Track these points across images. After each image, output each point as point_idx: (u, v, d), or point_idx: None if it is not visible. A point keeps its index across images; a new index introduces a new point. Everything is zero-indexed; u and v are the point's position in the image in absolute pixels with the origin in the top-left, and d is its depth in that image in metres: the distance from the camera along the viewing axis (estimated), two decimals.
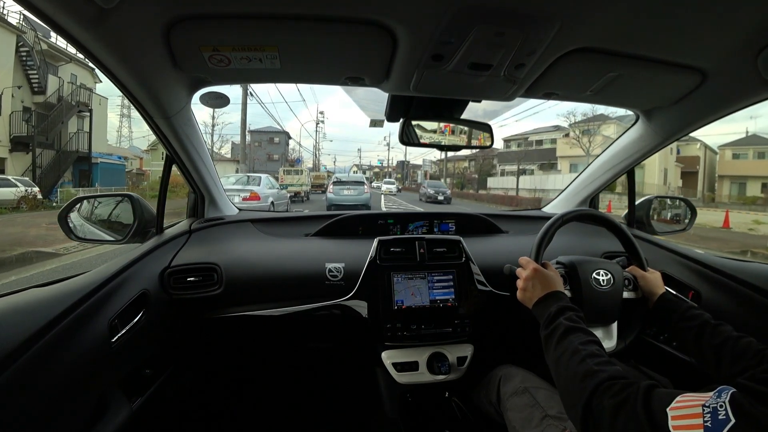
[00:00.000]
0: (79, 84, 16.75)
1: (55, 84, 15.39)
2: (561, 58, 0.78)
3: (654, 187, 21.35)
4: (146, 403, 0.96)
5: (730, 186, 26.04)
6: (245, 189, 8.84)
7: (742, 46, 0.73)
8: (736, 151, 26.57)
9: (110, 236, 1.24)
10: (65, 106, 15.50)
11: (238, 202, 7.95)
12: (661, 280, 0.95)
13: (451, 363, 1.14)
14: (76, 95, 16.26)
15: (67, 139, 15.65)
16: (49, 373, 0.68)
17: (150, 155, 28.64)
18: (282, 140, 39.46)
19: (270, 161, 36.87)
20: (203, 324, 1.17)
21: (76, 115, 16.37)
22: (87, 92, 16.88)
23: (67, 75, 16.58)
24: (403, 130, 1.03)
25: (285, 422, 1.50)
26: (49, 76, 15.17)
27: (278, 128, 32.26)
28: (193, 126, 1.07)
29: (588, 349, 0.64)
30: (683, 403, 0.49)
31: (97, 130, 17.83)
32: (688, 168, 27.32)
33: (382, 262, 1.14)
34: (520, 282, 0.86)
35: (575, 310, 0.75)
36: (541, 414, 0.88)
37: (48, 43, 15.34)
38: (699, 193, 26.31)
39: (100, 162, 17.53)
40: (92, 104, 17.20)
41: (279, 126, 27.75)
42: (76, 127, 16.34)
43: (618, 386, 0.55)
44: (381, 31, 0.69)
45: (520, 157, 28.82)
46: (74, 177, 16.57)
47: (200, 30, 0.68)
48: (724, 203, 21.91)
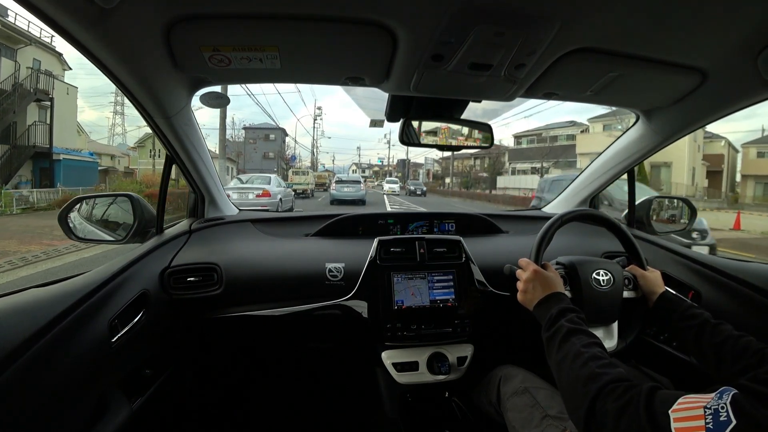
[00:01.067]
0: (43, 70, 14.58)
1: (10, 68, 13.26)
2: (561, 58, 0.78)
3: (683, 188, 20.24)
4: (146, 403, 0.96)
5: (754, 186, 24.75)
6: (258, 187, 9.74)
7: (742, 46, 0.73)
8: (761, 149, 25.14)
9: (110, 236, 1.24)
10: (20, 94, 13.27)
11: (252, 198, 9.18)
12: (660, 279, 0.95)
13: (451, 363, 1.14)
14: (37, 82, 14.00)
15: (23, 131, 13.41)
16: (49, 373, 0.68)
17: (137, 153, 27.31)
18: (278, 137, 38.90)
19: (265, 159, 36.35)
20: (203, 324, 1.17)
21: (36, 104, 14.22)
22: (49, 79, 14.58)
23: (28, 60, 14.50)
24: (404, 130, 1.03)
25: (285, 422, 1.50)
26: (2, 60, 13.10)
27: (274, 125, 32.11)
28: (193, 126, 1.07)
29: (590, 351, 0.64)
30: (685, 404, 0.49)
31: (64, 122, 15.61)
32: (713, 167, 25.83)
33: (382, 262, 1.14)
34: (521, 284, 0.85)
35: (576, 312, 0.75)
36: (541, 414, 0.88)
37: (4, 22, 13.14)
38: (723, 194, 25.05)
39: (63, 158, 15.22)
40: (54, 92, 14.86)
41: (274, 122, 27.64)
42: (36, 118, 14.19)
43: (621, 389, 0.55)
44: (381, 31, 0.69)
45: (544, 153, 25.97)
46: (34, 176, 14.43)
47: (200, 30, 0.68)
48: (748, 204, 20.69)
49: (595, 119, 23.44)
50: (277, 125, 31.90)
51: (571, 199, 1.59)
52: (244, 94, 25.67)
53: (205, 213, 1.35)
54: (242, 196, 9.26)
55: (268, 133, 38.08)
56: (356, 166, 62.97)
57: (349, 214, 1.39)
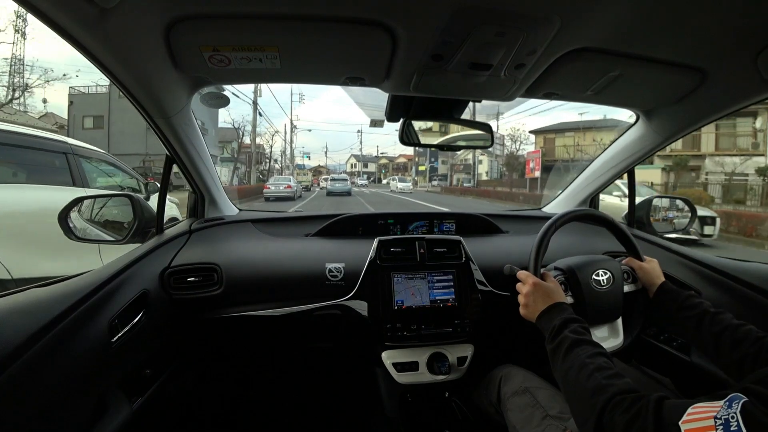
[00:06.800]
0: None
1: None
2: (561, 58, 0.78)
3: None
4: (146, 403, 0.96)
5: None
6: (285, 183, 17.78)
7: (742, 46, 0.73)
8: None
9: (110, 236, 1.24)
10: None
11: (283, 189, 16.92)
12: (659, 269, 0.95)
13: (452, 363, 1.14)
14: None
15: None
16: (49, 373, 0.68)
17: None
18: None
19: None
20: (203, 324, 1.17)
21: None
22: None
23: None
24: (404, 130, 1.03)
25: (285, 422, 1.51)
26: None
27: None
28: (193, 126, 1.07)
29: (596, 362, 0.64)
30: (694, 415, 0.48)
31: None
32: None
33: (382, 262, 1.14)
34: (521, 298, 0.85)
35: (579, 321, 0.74)
36: (541, 414, 0.88)
37: None
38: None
39: None
40: None
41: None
42: None
43: (628, 401, 0.55)
44: (381, 31, 0.69)
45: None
46: None
47: (200, 30, 0.68)
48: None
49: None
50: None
51: (571, 199, 1.59)
52: (239, 92, 24.80)
53: (205, 213, 1.35)
54: (277, 187, 17.00)
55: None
56: (356, 159, 57.52)
57: (349, 214, 1.39)
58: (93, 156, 3.43)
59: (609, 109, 28.11)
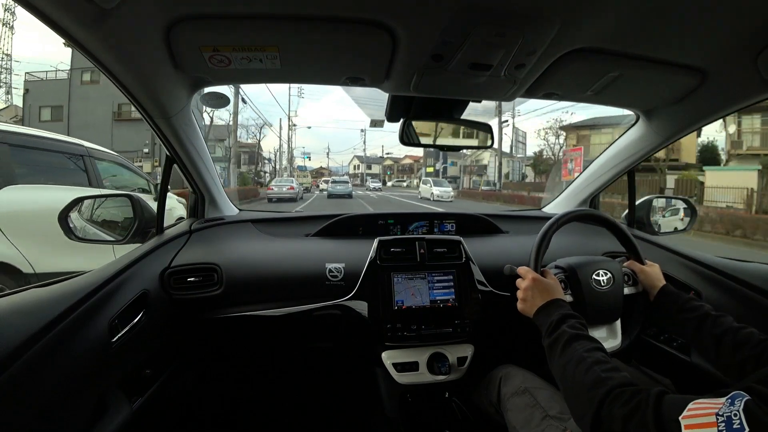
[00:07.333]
0: None
1: None
2: (561, 58, 0.78)
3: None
4: (146, 403, 0.96)
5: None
6: (287, 184, 18.43)
7: (742, 46, 0.73)
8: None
9: (110, 236, 1.24)
10: None
11: (285, 190, 17.49)
12: (660, 273, 0.95)
13: (452, 363, 1.14)
14: None
15: None
16: (49, 373, 0.68)
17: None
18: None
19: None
20: (203, 324, 1.17)
21: None
22: None
23: None
24: (404, 130, 1.03)
25: (285, 422, 1.50)
26: None
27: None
28: (193, 126, 1.07)
29: (593, 356, 0.63)
30: (696, 411, 0.48)
31: None
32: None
33: (383, 263, 1.14)
34: (520, 293, 0.85)
35: (577, 317, 0.74)
36: (541, 414, 0.88)
37: None
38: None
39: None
40: None
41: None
42: None
43: (627, 394, 0.54)
44: (381, 31, 0.69)
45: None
46: None
47: (200, 30, 0.68)
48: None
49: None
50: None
51: (571, 199, 1.59)
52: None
53: (205, 213, 1.35)
54: (280, 189, 17.60)
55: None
56: (359, 161, 54.63)
57: (349, 214, 1.39)
58: (105, 158, 3.60)
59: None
